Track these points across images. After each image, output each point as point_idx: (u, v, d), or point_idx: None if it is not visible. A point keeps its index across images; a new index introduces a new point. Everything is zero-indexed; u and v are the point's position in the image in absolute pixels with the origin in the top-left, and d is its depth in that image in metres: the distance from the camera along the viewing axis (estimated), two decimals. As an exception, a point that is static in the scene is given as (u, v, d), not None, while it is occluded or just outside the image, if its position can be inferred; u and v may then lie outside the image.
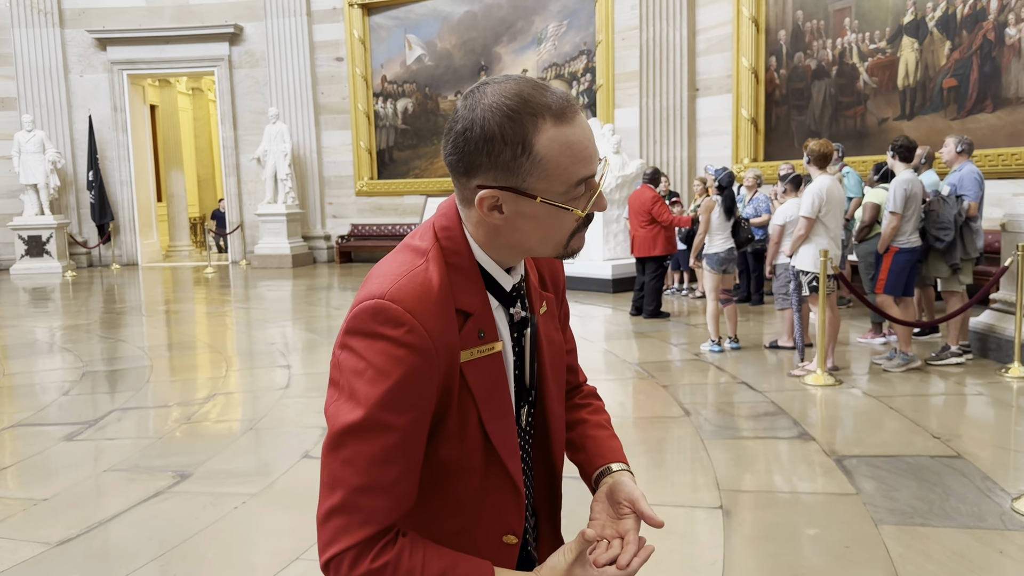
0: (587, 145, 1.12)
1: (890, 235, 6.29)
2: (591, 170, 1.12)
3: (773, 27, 11.79)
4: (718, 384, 6.20)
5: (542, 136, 1.08)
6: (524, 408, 1.24)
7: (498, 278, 1.19)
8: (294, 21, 16.37)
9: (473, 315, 1.15)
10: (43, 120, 16.33)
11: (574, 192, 1.12)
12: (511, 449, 1.18)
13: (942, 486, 3.92)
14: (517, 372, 1.22)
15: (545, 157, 1.09)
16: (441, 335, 1.09)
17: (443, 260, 1.15)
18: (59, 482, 4.32)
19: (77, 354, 7.80)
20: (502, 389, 1.18)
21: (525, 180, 1.10)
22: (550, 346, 1.29)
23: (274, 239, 16.04)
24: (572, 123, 1.10)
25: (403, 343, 1.06)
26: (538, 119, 1.08)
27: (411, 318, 1.07)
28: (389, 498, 1.07)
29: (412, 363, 1.06)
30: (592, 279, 11.05)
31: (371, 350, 1.07)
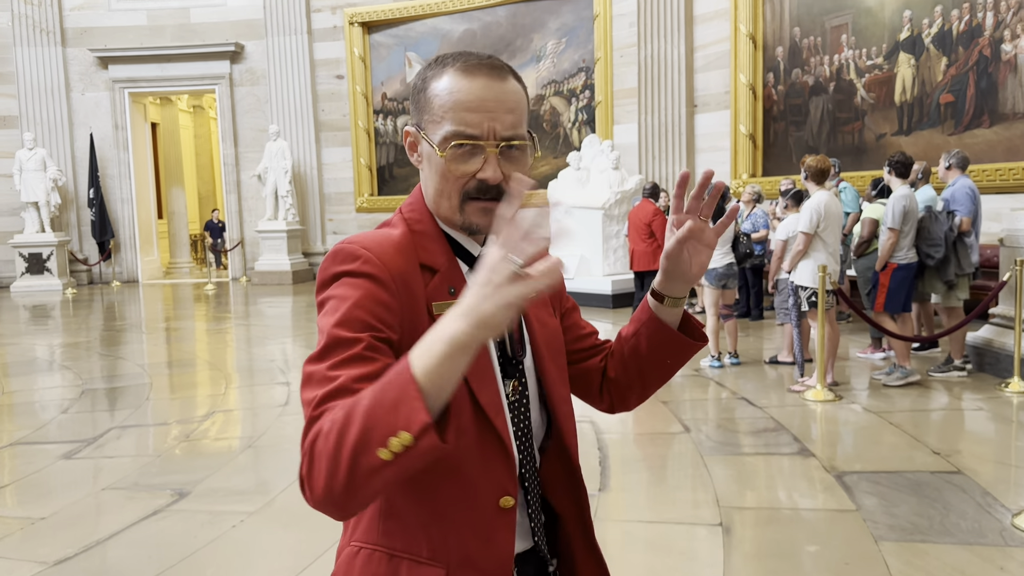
0: (475, 101, 1.15)
1: (888, 251, 6.30)
2: (469, 126, 1.14)
3: (770, 44, 11.86)
4: (718, 400, 6.20)
5: (440, 79, 1.18)
6: (510, 382, 1.22)
7: (463, 243, 1.24)
8: (295, 39, 16.46)
9: (440, 271, 1.19)
10: (44, 138, 16.40)
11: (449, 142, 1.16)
12: (496, 408, 1.17)
13: (942, 502, 3.91)
14: (499, 340, 1.22)
15: (432, 95, 1.18)
16: (399, 272, 1.13)
17: (406, 226, 1.22)
18: (58, 500, 4.31)
19: (77, 372, 7.80)
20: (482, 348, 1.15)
21: (421, 118, 1.20)
22: (542, 328, 1.30)
23: (274, 255, 16.06)
24: (473, 76, 1.16)
25: (359, 272, 1.12)
26: (446, 67, 1.19)
27: (366, 252, 1.13)
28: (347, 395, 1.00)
29: (369, 288, 1.11)
30: (592, 294, 11.05)
31: (333, 291, 1.12)
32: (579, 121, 14.57)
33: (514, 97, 1.19)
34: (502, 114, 1.16)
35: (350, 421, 0.94)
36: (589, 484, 1.54)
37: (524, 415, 1.25)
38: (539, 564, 1.28)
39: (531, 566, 1.26)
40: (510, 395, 1.22)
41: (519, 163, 1.19)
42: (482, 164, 1.16)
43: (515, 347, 1.23)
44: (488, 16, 15.34)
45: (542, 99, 15.00)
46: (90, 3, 16.70)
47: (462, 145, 1.15)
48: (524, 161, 1.20)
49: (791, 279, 6.40)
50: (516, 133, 1.17)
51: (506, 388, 1.22)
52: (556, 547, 1.32)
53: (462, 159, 1.16)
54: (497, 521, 1.18)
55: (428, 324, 1.13)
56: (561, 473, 1.30)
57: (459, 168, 1.16)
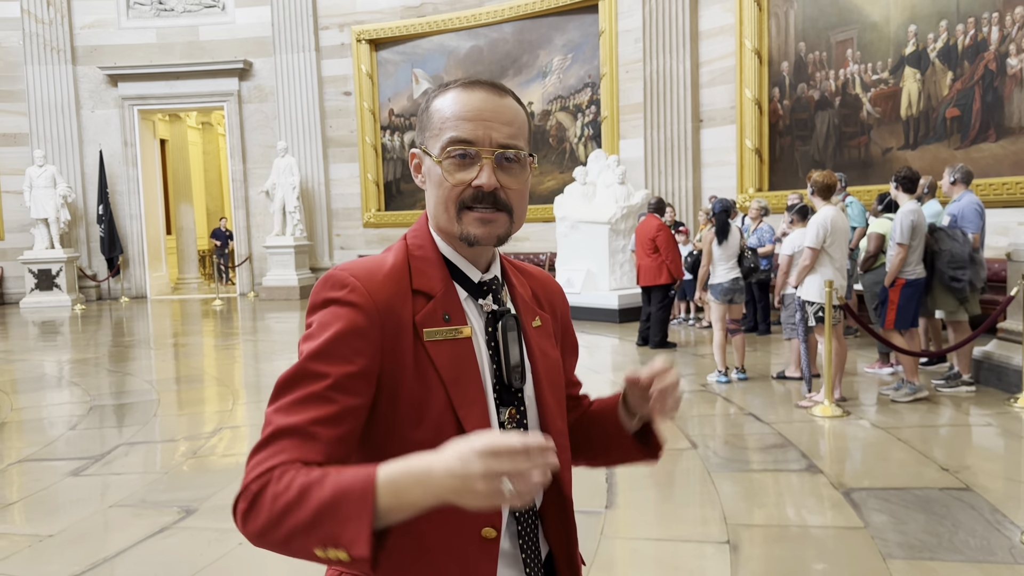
0: (472, 111, 1.19)
1: (897, 267, 6.28)
2: (465, 133, 1.18)
3: (776, 59, 11.89)
4: (726, 416, 6.18)
5: (441, 97, 1.23)
6: (507, 410, 1.22)
7: (464, 269, 1.25)
8: (303, 57, 16.58)
9: (435, 297, 1.20)
10: (54, 155, 16.53)
11: (446, 151, 1.19)
12: None
13: (951, 519, 3.89)
14: (495, 366, 1.22)
15: (434, 111, 1.23)
16: (387, 302, 1.15)
17: (406, 252, 1.24)
18: (65, 518, 4.32)
19: (85, 388, 7.83)
20: (472, 375, 1.19)
21: (423, 136, 1.24)
22: (544, 358, 1.30)
23: (282, 271, 16.12)
24: (471, 90, 1.21)
25: (345, 301, 1.14)
26: (448, 86, 1.23)
27: (354, 280, 1.16)
28: (305, 440, 1.06)
29: (351, 319, 1.13)
30: (598, 309, 11.06)
31: (319, 316, 1.16)
32: (585, 136, 14.61)
33: (512, 112, 1.21)
34: (499, 124, 1.19)
35: (300, 505, 0.99)
36: (595, 501, 1.54)
37: None
38: None
39: None
40: (506, 422, 1.22)
41: (516, 175, 1.21)
42: (478, 172, 1.18)
43: (512, 375, 1.23)
44: (494, 33, 15.42)
45: (548, 115, 15.05)
46: (100, 21, 16.86)
47: (461, 154, 1.17)
48: (521, 175, 1.22)
49: (797, 294, 6.39)
50: (513, 143, 1.19)
51: (502, 415, 1.22)
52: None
53: (458, 167, 1.18)
54: (479, 552, 1.17)
55: (413, 349, 1.15)
56: (553, 506, 1.29)
57: (455, 176, 1.18)
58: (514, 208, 1.21)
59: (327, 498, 0.98)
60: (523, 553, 1.24)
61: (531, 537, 1.25)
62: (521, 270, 1.38)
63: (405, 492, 0.97)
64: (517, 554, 1.23)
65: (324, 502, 0.98)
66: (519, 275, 1.36)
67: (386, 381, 1.14)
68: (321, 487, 0.99)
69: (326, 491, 0.98)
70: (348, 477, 0.99)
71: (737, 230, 7.38)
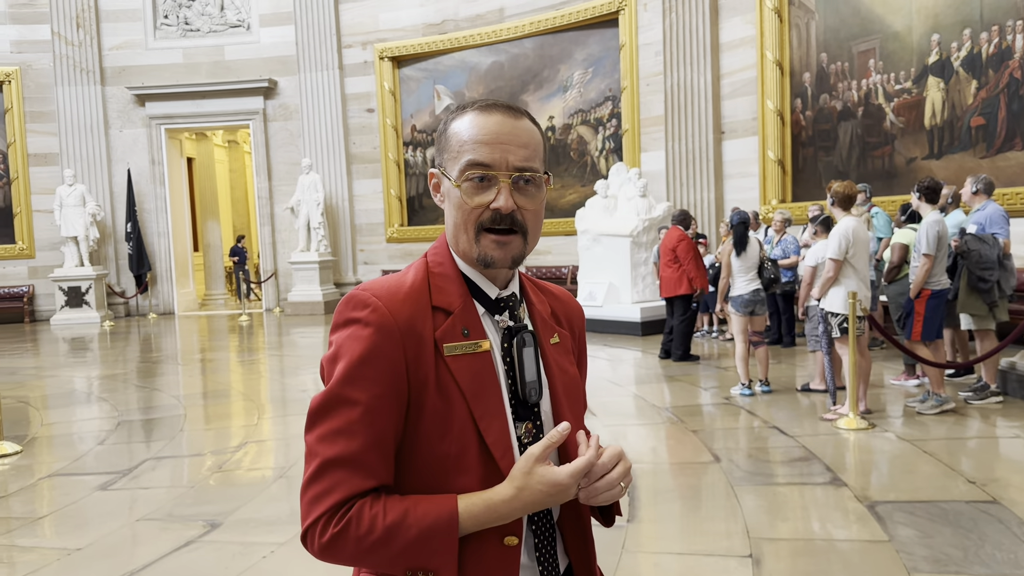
0: (488, 134, 1.22)
1: (923, 278, 6.22)
2: (483, 157, 1.21)
3: (797, 70, 11.86)
4: (749, 429, 6.14)
5: (458, 120, 1.26)
6: (524, 425, 1.25)
7: (481, 285, 1.27)
8: (327, 75, 16.78)
9: (454, 313, 1.23)
10: (84, 174, 16.82)
11: (464, 174, 1.22)
12: (503, 448, 1.20)
13: (977, 532, 3.84)
14: (511, 382, 1.24)
15: (452, 134, 1.25)
16: (408, 320, 1.19)
17: (426, 270, 1.27)
18: (93, 532, 4.38)
19: (113, 403, 7.94)
20: (491, 388, 1.21)
21: (442, 157, 1.27)
22: (562, 374, 1.32)
23: (307, 286, 16.26)
24: (488, 113, 1.24)
25: (367, 322, 1.18)
26: (466, 110, 1.26)
27: (376, 300, 1.19)
28: (356, 469, 1.15)
29: (374, 341, 1.17)
30: (621, 322, 11.04)
31: (342, 336, 1.20)
32: (606, 149, 14.63)
33: (527, 134, 1.24)
34: (515, 147, 1.21)
35: (388, 544, 1.13)
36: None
37: None
38: None
39: None
40: (523, 436, 1.24)
41: (532, 197, 1.23)
42: (495, 195, 1.20)
43: (528, 391, 1.25)
44: (515, 48, 15.51)
45: (569, 128, 15.10)
46: (128, 43, 17.17)
47: (479, 177, 1.20)
48: (537, 195, 1.24)
49: (821, 306, 6.35)
50: (529, 165, 1.22)
51: (519, 430, 1.24)
52: None
53: (477, 190, 1.21)
54: (501, 559, 1.20)
55: (435, 364, 1.18)
56: (570, 519, 1.31)
57: (474, 199, 1.21)
58: (529, 229, 1.24)
59: (414, 537, 1.12)
60: (540, 565, 1.25)
61: (549, 549, 1.26)
62: (541, 288, 1.40)
63: (485, 524, 1.16)
64: (534, 566, 1.25)
65: (412, 540, 1.12)
66: (539, 293, 1.38)
67: (412, 397, 1.17)
68: (407, 527, 1.13)
69: (412, 531, 1.12)
70: (432, 515, 1.13)
71: (756, 241, 7.35)
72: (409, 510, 1.13)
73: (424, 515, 1.12)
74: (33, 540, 4.34)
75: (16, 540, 4.33)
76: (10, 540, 4.33)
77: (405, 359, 1.17)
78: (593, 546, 1.34)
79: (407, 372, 1.17)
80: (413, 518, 1.12)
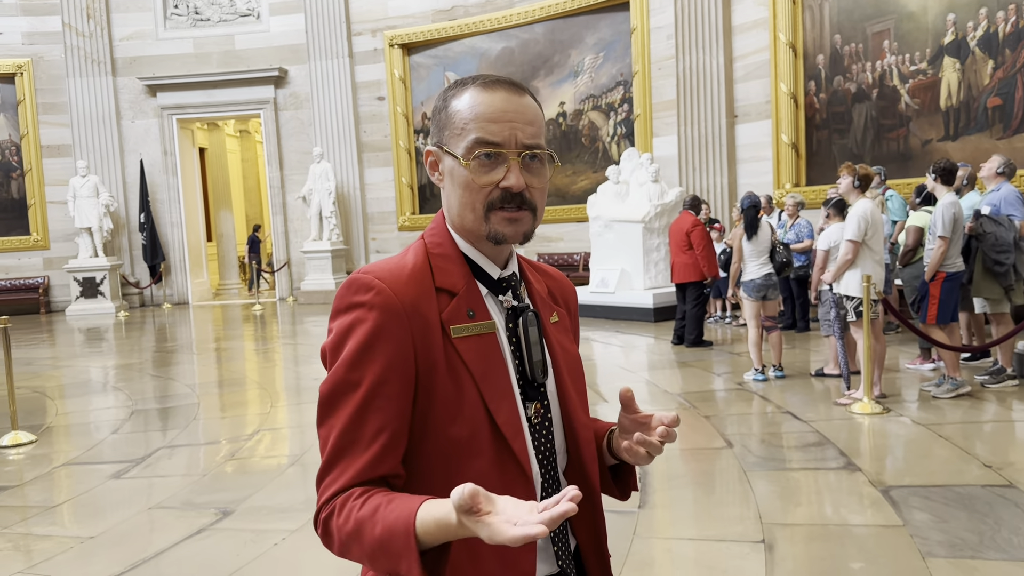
0: (496, 112, 1.20)
1: (938, 261, 6.15)
2: (492, 136, 1.19)
3: (811, 52, 11.74)
4: (763, 414, 6.11)
5: (459, 96, 1.23)
6: (533, 405, 1.24)
7: (483, 265, 1.26)
8: (337, 63, 16.75)
9: (458, 295, 1.21)
10: (97, 165, 16.89)
11: (471, 152, 1.19)
12: (514, 429, 1.19)
13: (993, 517, 3.80)
14: (517, 362, 1.24)
15: (455, 111, 1.22)
16: (413, 302, 1.16)
17: (426, 251, 1.25)
18: (108, 519, 4.41)
19: (128, 393, 7.99)
20: (499, 369, 1.20)
21: (442, 135, 1.24)
22: (564, 353, 1.31)
23: (319, 275, 16.30)
24: (493, 91, 1.21)
25: (372, 305, 1.15)
26: (466, 85, 1.23)
27: (379, 283, 1.17)
28: (366, 454, 1.13)
29: (380, 323, 1.15)
30: (633, 308, 11.00)
31: (345, 321, 1.17)
32: (618, 135, 14.55)
33: (532, 111, 1.23)
34: (523, 124, 1.20)
35: (358, 540, 1.10)
36: (630, 501, 1.53)
37: (547, 438, 1.25)
38: None
39: None
40: (532, 417, 1.23)
41: (539, 174, 1.22)
42: (505, 173, 1.19)
43: (535, 370, 1.24)
44: (525, 33, 15.43)
45: (580, 114, 15.02)
46: (139, 33, 17.20)
47: (487, 154, 1.18)
48: (544, 173, 1.23)
49: (835, 289, 6.29)
50: (537, 143, 1.21)
51: (528, 411, 1.23)
52: (584, 573, 1.32)
53: (486, 168, 1.19)
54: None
55: (443, 346, 1.16)
56: (583, 502, 1.29)
57: (483, 177, 1.19)
58: (537, 206, 1.23)
59: (378, 536, 1.07)
60: (555, 546, 1.25)
61: (561, 530, 1.26)
62: (536, 268, 1.39)
63: (438, 538, 1.05)
64: (548, 547, 1.24)
65: (376, 540, 1.08)
66: (535, 272, 1.37)
67: (421, 380, 1.16)
68: (373, 524, 1.08)
69: (377, 529, 1.08)
70: (393, 516, 1.07)
71: (768, 225, 7.29)
72: (380, 507, 1.08)
73: (389, 513, 1.07)
74: (49, 528, 4.38)
75: (32, 528, 4.37)
76: (27, 528, 4.37)
77: (413, 342, 1.15)
78: (604, 525, 1.33)
79: (415, 355, 1.15)
80: (379, 517, 1.08)
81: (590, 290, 11.49)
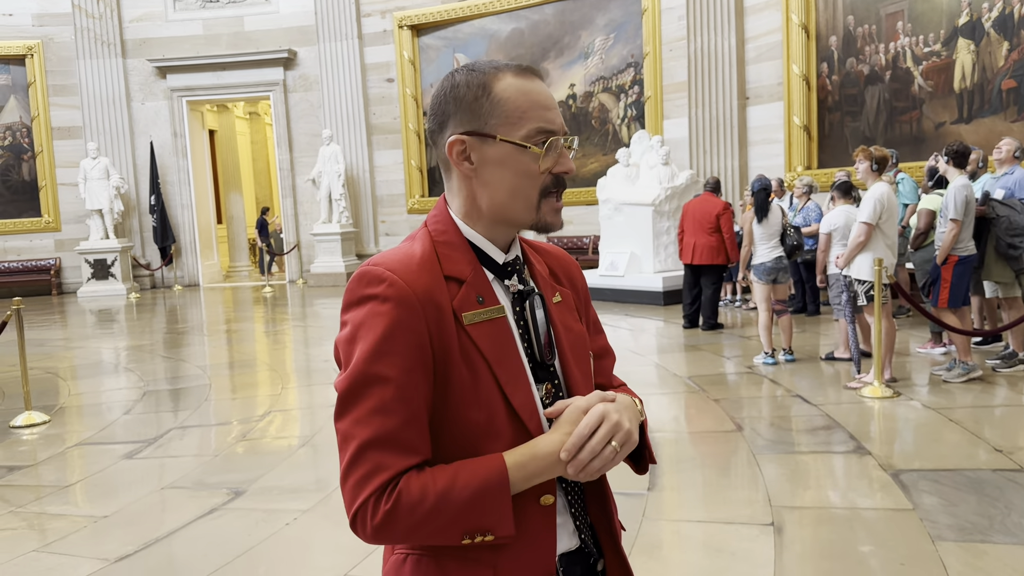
0: (547, 99, 1.22)
1: (950, 244, 6.11)
2: (552, 123, 1.21)
3: (824, 33, 11.63)
4: (772, 397, 6.11)
5: (500, 82, 1.21)
6: (544, 385, 1.25)
7: (488, 251, 1.26)
8: (346, 45, 16.69)
9: (466, 282, 1.21)
10: (107, 147, 16.91)
11: (534, 139, 1.20)
12: (530, 410, 1.20)
13: (1004, 501, 3.80)
14: (526, 345, 1.24)
15: (503, 98, 1.20)
16: (425, 291, 1.16)
17: (430, 239, 1.24)
18: (120, 499, 4.46)
19: (140, 374, 8.04)
20: (512, 353, 1.21)
21: (487, 122, 1.20)
22: (568, 332, 1.31)
23: (329, 258, 16.31)
24: (531, 78, 1.22)
25: (385, 297, 1.14)
26: (499, 71, 1.22)
27: (391, 275, 1.16)
28: (396, 447, 1.12)
29: (396, 315, 1.14)
30: (643, 291, 10.98)
31: (359, 314, 1.16)
32: (628, 117, 14.47)
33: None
34: (558, 111, 1.24)
35: (441, 511, 1.10)
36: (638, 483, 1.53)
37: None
38: (585, 563, 1.29)
39: (578, 566, 1.28)
40: (544, 398, 1.24)
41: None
42: (558, 159, 1.22)
43: (543, 351, 1.25)
44: (535, 15, 15.33)
45: (591, 96, 14.94)
46: (148, 15, 17.16)
47: (544, 142, 1.20)
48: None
49: (844, 273, 6.26)
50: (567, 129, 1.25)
51: (540, 391, 1.24)
52: (601, 548, 1.33)
53: (550, 155, 1.21)
54: (539, 519, 1.20)
55: (457, 334, 1.17)
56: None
57: (548, 164, 1.22)
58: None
59: (467, 498, 1.10)
60: (576, 520, 1.26)
61: (580, 505, 1.28)
62: (536, 248, 1.40)
63: (534, 475, 1.14)
64: (568, 522, 1.26)
65: (465, 502, 1.10)
66: (535, 254, 1.38)
67: (438, 368, 1.16)
68: (458, 490, 1.11)
69: (465, 493, 1.10)
70: (479, 476, 1.11)
71: (779, 208, 7.25)
72: (458, 473, 1.12)
73: (473, 475, 1.11)
74: (62, 507, 4.42)
75: (46, 507, 4.42)
76: (40, 507, 4.42)
77: (428, 330, 1.15)
78: (613, 500, 1.34)
79: (431, 343, 1.15)
80: (463, 480, 1.11)
81: (599, 273, 11.47)
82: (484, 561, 1.17)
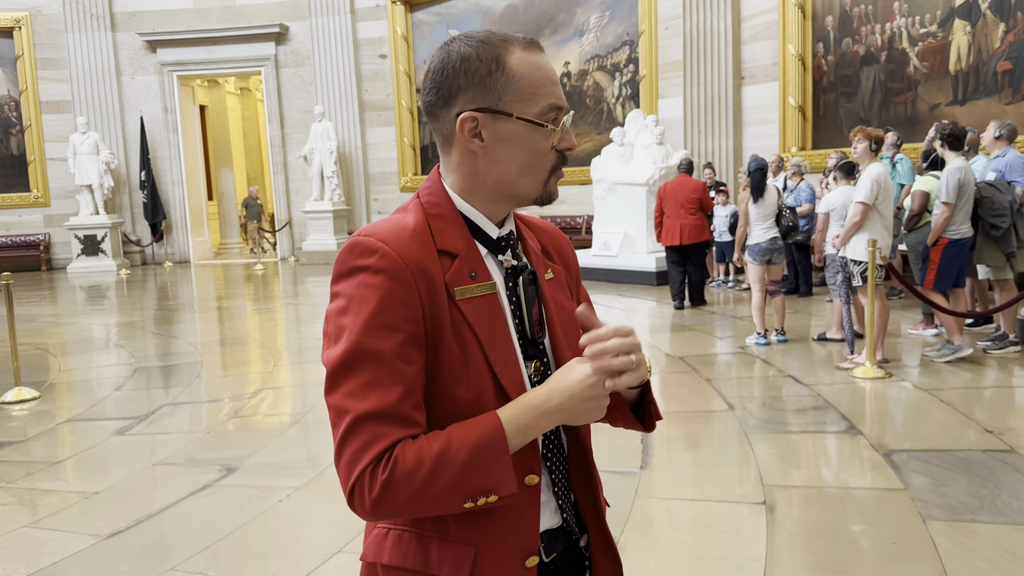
0: (554, 74, 1.22)
1: (942, 226, 6.12)
2: (561, 100, 1.21)
3: (820, 13, 11.57)
4: (764, 378, 6.12)
5: (513, 56, 1.18)
6: (532, 363, 1.23)
7: (482, 225, 1.24)
8: (338, 19, 16.53)
9: (459, 256, 1.19)
10: (97, 122, 16.75)
11: (548, 116, 1.19)
12: (518, 388, 1.18)
13: (994, 481, 3.82)
14: (517, 321, 1.23)
15: (518, 74, 1.17)
16: (417, 263, 1.13)
17: (423, 211, 1.22)
18: (112, 475, 4.44)
19: (131, 350, 8.01)
20: (502, 330, 1.20)
21: (501, 99, 1.17)
22: (559, 310, 1.30)
23: (321, 235, 16.25)
24: (538, 52, 1.21)
25: (377, 269, 1.12)
26: (508, 43, 1.19)
27: (383, 246, 1.13)
28: (392, 420, 1.09)
29: (388, 287, 1.11)
30: (636, 271, 10.98)
31: (350, 285, 1.13)
32: (623, 96, 14.40)
33: None
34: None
35: (440, 474, 1.07)
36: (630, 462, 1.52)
37: None
38: (568, 541, 1.29)
39: (560, 542, 1.27)
40: (532, 376, 1.23)
41: None
42: (564, 135, 1.22)
43: (534, 329, 1.23)
44: (530, -9, 15.19)
45: (585, 74, 14.85)
46: (138, -12, 16.96)
47: (555, 119, 1.20)
48: None
49: (842, 253, 6.26)
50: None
51: (528, 369, 1.23)
52: (584, 525, 1.33)
53: (563, 132, 1.21)
54: (523, 498, 1.18)
55: (448, 308, 1.15)
56: (576, 454, 1.31)
57: (561, 141, 1.21)
58: None
59: (464, 460, 1.07)
60: (558, 500, 1.26)
61: (563, 484, 1.27)
62: (529, 224, 1.38)
63: (529, 427, 1.12)
64: (551, 500, 1.25)
65: (463, 463, 1.07)
66: (527, 229, 1.36)
67: (429, 341, 1.14)
68: (453, 452, 1.08)
69: (460, 454, 1.08)
70: (475, 434, 1.09)
71: (774, 189, 7.24)
72: (453, 435, 1.09)
73: (469, 434, 1.09)
74: (53, 483, 4.41)
75: (37, 483, 4.40)
76: (31, 483, 4.40)
77: (421, 303, 1.13)
78: (598, 478, 1.33)
79: (424, 316, 1.13)
80: (459, 441, 1.08)
81: (592, 253, 11.45)
82: (466, 539, 1.16)
